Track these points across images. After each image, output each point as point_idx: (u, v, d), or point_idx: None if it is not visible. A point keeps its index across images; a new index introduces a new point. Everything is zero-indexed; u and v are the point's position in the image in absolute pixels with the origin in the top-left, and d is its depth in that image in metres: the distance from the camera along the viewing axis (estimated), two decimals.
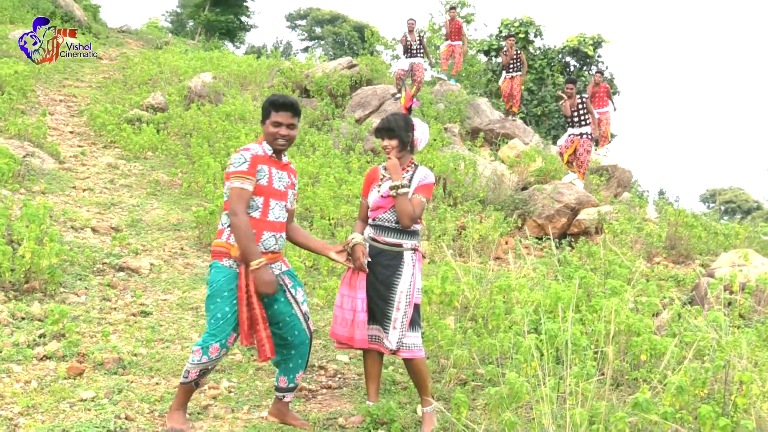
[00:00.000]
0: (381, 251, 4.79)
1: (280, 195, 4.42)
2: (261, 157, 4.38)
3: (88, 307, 6.72)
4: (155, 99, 16.11)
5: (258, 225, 4.32)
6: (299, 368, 4.67)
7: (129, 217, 9.68)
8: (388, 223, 4.79)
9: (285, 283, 4.51)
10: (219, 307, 4.29)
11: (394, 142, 4.83)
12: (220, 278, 4.30)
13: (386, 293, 4.73)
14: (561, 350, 5.31)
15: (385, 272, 4.75)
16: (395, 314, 4.72)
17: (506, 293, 6.89)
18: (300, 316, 4.56)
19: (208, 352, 4.29)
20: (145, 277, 7.81)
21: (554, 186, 12.37)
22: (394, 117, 4.89)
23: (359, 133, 14.92)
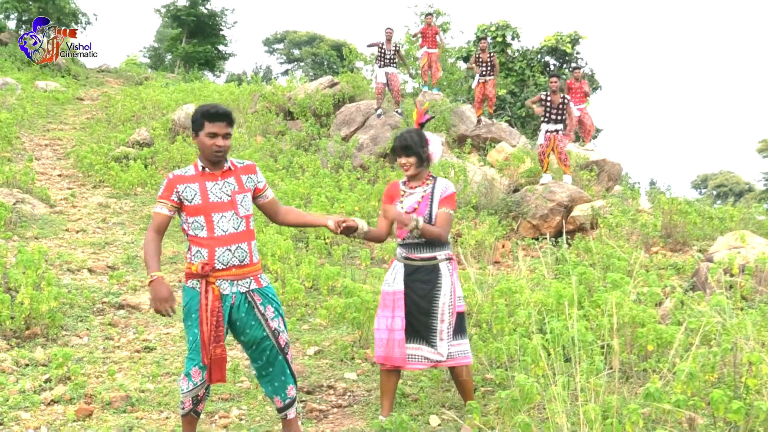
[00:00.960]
0: (417, 268, 4.83)
1: (222, 207, 4.30)
2: (186, 177, 4.31)
3: (92, 347, 6.69)
4: (140, 135, 16.12)
5: (207, 243, 4.25)
6: (287, 383, 4.59)
7: (124, 254, 9.66)
8: (417, 239, 4.81)
9: (254, 300, 4.41)
10: (190, 329, 4.31)
11: (412, 159, 4.85)
12: (187, 300, 4.32)
13: (428, 307, 4.77)
14: (568, 348, 5.31)
15: (424, 287, 4.79)
16: (440, 326, 4.76)
17: (508, 296, 6.89)
18: (269, 333, 4.47)
19: (191, 377, 4.30)
20: (146, 312, 7.79)
21: (545, 185, 12.40)
22: (410, 134, 4.89)
23: (347, 151, 14.94)
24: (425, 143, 4.90)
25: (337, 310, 7.02)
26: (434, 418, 5.19)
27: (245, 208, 4.40)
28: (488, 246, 10.37)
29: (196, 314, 4.27)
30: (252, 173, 4.53)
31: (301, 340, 7.04)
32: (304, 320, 7.71)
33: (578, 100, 16.57)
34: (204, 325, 4.21)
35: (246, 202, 4.42)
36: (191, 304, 4.30)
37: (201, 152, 4.36)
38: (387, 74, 15.81)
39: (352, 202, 11.19)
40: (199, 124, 4.32)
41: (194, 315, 4.28)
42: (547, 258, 9.81)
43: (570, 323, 5.24)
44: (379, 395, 5.10)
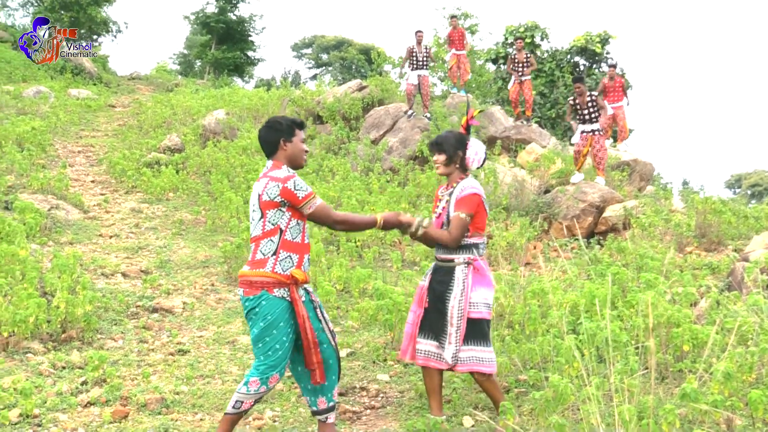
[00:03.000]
0: (437, 267, 4.92)
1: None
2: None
3: (126, 350, 6.77)
4: (171, 140, 16.27)
5: (300, 249, 4.39)
6: (333, 384, 4.66)
7: (157, 258, 9.76)
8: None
9: (315, 301, 4.53)
10: (276, 338, 4.31)
11: (441, 157, 4.91)
12: (276, 310, 4.31)
13: (441, 308, 4.80)
14: (602, 348, 5.28)
15: (439, 288, 4.84)
16: (449, 329, 4.76)
17: (540, 297, 6.86)
18: (328, 332, 4.58)
19: (268, 382, 4.34)
20: (179, 315, 7.86)
21: (577, 186, 12.32)
22: (446, 133, 5.00)
23: (376, 154, 14.97)
24: (462, 145, 4.91)
25: (368, 312, 7.03)
26: (467, 419, 5.18)
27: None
28: (519, 247, 10.33)
29: (285, 323, 4.32)
30: None
31: None
32: (336, 323, 7.73)
33: (614, 99, 16.43)
34: (308, 331, 4.34)
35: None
36: (280, 314, 4.31)
37: (290, 157, 4.49)
38: (419, 77, 15.81)
39: (383, 205, 11.21)
40: (290, 131, 4.49)
41: (282, 324, 4.32)
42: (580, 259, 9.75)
43: (603, 324, 5.21)
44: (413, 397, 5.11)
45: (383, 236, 10.72)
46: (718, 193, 17.08)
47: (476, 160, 4.96)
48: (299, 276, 4.31)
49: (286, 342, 4.32)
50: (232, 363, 6.55)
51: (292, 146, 4.47)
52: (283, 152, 4.46)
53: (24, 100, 19.13)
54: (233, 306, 8.19)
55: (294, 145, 4.48)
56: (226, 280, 9.11)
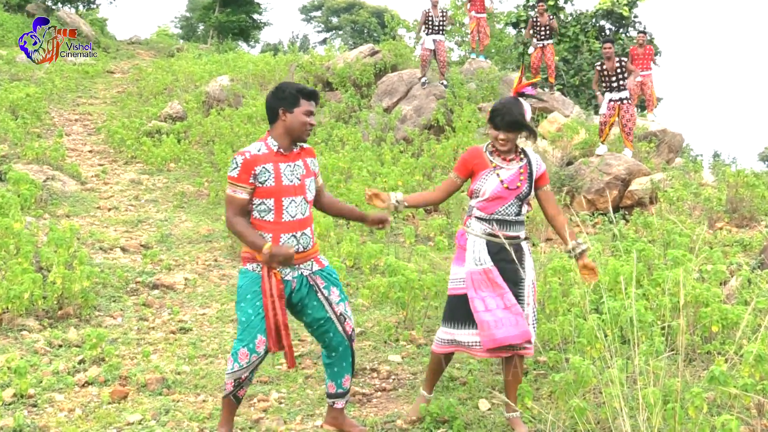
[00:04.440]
0: (502, 247, 4.63)
1: (294, 190, 4.38)
2: (261, 157, 4.34)
3: (126, 328, 6.81)
4: (173, 108, 16.27)
5: (273, 228, 4.34)
6: (345, 372, 4.66)
7: (158, 232, 9.79)
8: (509, 216, 4.68)
9: (317, 283, 4.50)
10: (243, 310, 4.38)
11: (512, 135, 4.67)
12: (244, 282, 4.40)
13: (515, 290, 4.65)
14: (626, 329, 5.27)
15: (510, 267, 4.63)
16: (527, 309, 4.65)
17: (562, 275, 6.84)
18: (334, 318, 4.54)
19: (237, 358, 4.35)
20: (181, 292, 7.89)
21: (601, 158, 12.26)
22: (515, 107, 4.69)
23: (389, 123, 14.92)
24: (528, 115, 4.73)
25: (380, 289, 7.03)
26: (484, 402, 5.19)
27: (311, 192, 4.51)
28: (540, 222, 10.31)
29: (252, 294, 4.35)
30: (313, 156, 4.64)
31: None
32: None
33: (642, 66, 16.30)
34: (269, 311, 4.29)
35: (312, 186, 4.53)
36: (248, 285, 4.38)
37: (288, 129, 4.40)
38: (435, 41, 15.70)
39: (395, 177, 11.17)
40: (293, 101, 4.38)
41: (249, 296, 4.35)
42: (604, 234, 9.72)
43: (628, 303, 5.19)
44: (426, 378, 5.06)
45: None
46: (751, 166, 16.97)
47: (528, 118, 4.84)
48: (259, 257, 4.28)
49: (253, 315, 4.32)
50: None
51: (291, 117, 4.38)
52: (282, 123, 4.39)
53: (18, 66, 19.16)
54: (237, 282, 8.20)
55: (294, 116, 4.38)
56: (230, 255, 9.14)
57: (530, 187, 4.70)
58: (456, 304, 4.73)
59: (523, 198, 4.69)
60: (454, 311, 4.74)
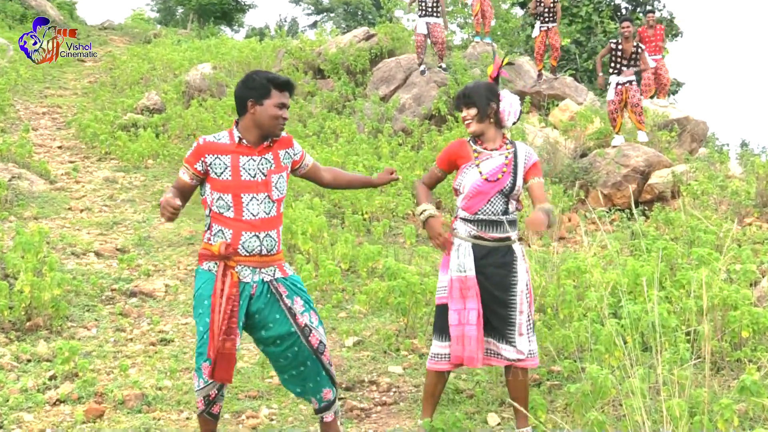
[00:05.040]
0: (490, 250, 4.69)
1: (255, 187, 4.32)
2: (219, 146, 4.33)
3: (101, 340, 6.80)
4: (150, 99, 16.26)
5: (233, 225, 4.28)
6: (321, 386, 4.57)
7: (135, 235, 9.78)
8: (494, 215, 4.69)
9: (278, 291, 4.42)
10: (201, 319, 4.32)
11: (472, 110, 4.75)
12: (200, 284, 4.35)
13: (505, 297, 4.65)
14: (647, 335, 5.27)
15: (499, 272, 4.67)
16: (519, 318, 4.64)
17: (576, 276, 6.85)
18: (298, 331, 4.44)
19: (201, 373, 4.30)
20: (161, 300, 7.88)
21: (618, 149, 12.26)
22: (475, 84, 4.87)
23: (386, 113, 14.92)
24: (494, 96, 4.76)
25: (378, 294, 7.03)
26: (493, 416, 5.19)
27: (279, 190, 4.44)
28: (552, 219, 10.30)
29: (209, 300, 4.27)
30: (288, 147, 4.57)
31: (338, 330, 7.08)
32: (341, 307, 7.74)
33: (653, 50, 16.28)
34: (216, 313, 4.19)
35: (281, 183, 4.46)
36: (204, 289, 4.31)
37: (258, 123, 4.36)
38: (428, 25, 15.65)
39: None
40: (264, 92, 4.34)
41: (206, 301, 4.28)
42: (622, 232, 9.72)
43: (649, 306, 5.19)
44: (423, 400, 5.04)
45: (394, 208, 10.71)
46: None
47: (512, 114, 4.82)
48: (215, 248, 4.26)
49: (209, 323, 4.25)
50: None
51: (261, 110, 4.32)
52: (251, 116, 4.35)
53: None
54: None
55: (264, 109, 4.32)
56: None
57: (514, 181, 4.70)
58: (441, 315, 4.75)
59: (507, 193, 4.70)
60: (442, 322, 4.76)
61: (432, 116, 14.93)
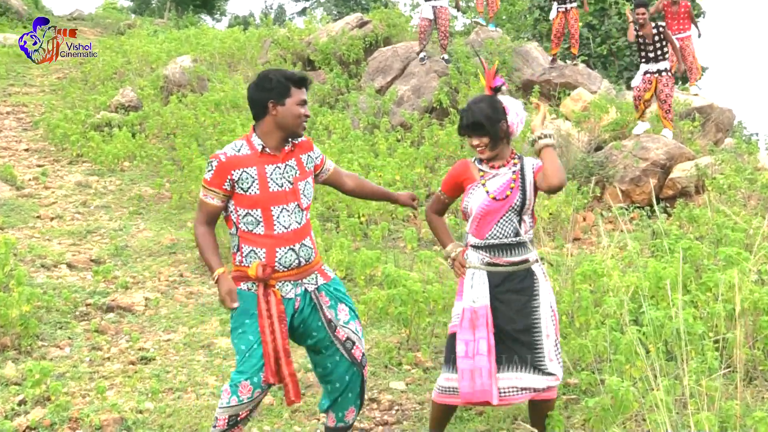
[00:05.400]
0: (507, 276, 4.67)
1: (284, 197, 4.40)
2: (242, 159, 4.37)
3: (75, 360, 6.78)
4: (125, 96, 16.25)
5: (266, 242, 4.37)
6: (349, 403, 4.67)
7: (111, 245, 9.76)
8: (506, 238, 4.65)
9: (320, 302, 4.53)
10: (242, 337, 4.38)
11: (484, 139, 4.65)
12: (241, 302, 4.38)
13: (528, 323, 4.61)
14: (672, 342, 5.26)
15: (519, 298, 4.64)
16: (546, 343, 4.61)
17: (593, 280, 6.84)
18: (338, 343, 4.56)
19: (237, 391, 4.33)
20: (141, 315, 7.87)
21: (636, 141, 12.26)
22: (478, 106, 4.71)
23: (383, 106, 14.92)
24: (502, 114, 4.68)
25: (377, 304, 7.03)
26: None
27: (307, 197, 4.54)
28: (565, 219, 10.31)
29: (252, 318, 4.36)
30: (309, 150, 4.65)
31: None
32: None
33: (678, 28, 16.21)
34: (266, 334, 4.31)
35: (308, 189, 4.56)
36: (244, 308, 4.39)
37: (281, 125, 4.43)
38: (434, 9, 15.65)
39: (392, 170, 11.17)
40: (283, 91, 4.39)
41: (248, 320, 4.37)
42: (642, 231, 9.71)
43: (673, 311, 5.18)
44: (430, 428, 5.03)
45: (394, 210, 10.70)
46: None
47: (520, 124, 4.76)
48: (252, 272, 4.33)
49: (255, 342, 4.33)
50: (208, 372, 6.56)
51: (283, 111, 4.38)
52: (272, 117, 4.40)
53: None
54: (208, 301, 8.20)
55: (287, 109, 4.38)
56: (198, 269, 9.12)
57: (524, 196, 4.65)
58: (451, 344, 4.74)
59: (519, 210, 4.64)
60: (447, 353, 4.78)
61: (433, 109, 14.93)
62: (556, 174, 4.53)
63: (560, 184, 4.55)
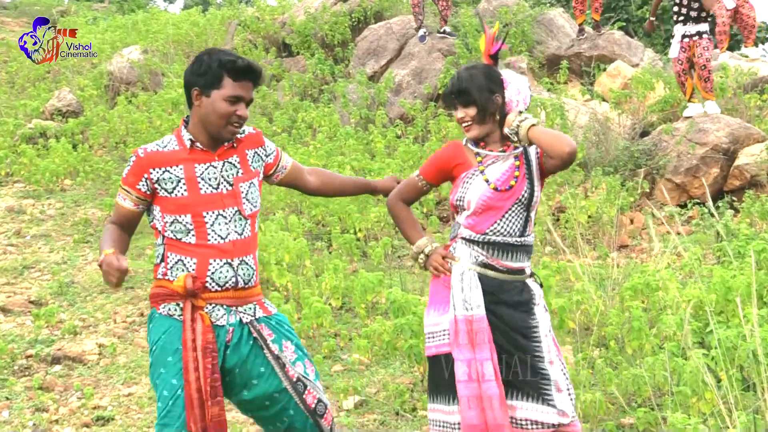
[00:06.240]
0: (501, 284, 4.62)
1: (220, 201, 4.30)
2: (166, 156, 4.29)
3: (16, 425, 6.77)
4: (62, 99, 16.21)
5: (197, 252, 4.25)
6: None
7: (54, 281, 9.74)
8: (512, 235, 4.61)
9: (262, 336, 4.39)
10: (164, 379, 4.24)
11: (471, 110, 4.62)
12: (160, 335, 4.29)
13: (528, 344, 4.57)
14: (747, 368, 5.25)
15: (516, 316, 4.59)
16: (551, 370, 4.56)
17: (646, 296, 6.84)
18: (290, 387, 4.41)
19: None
20: (94, 366, 7.85)
21: (691, 122, 12.24)
22: (469, 72, 4.70)
23: (377, 96, 14.91)
24: (497, 85, 4.66)
25: (383, 337, 7.02)
26: None
27: (251, 202, 4.43)
28: (608, 222, 10.30)
29: (174, 356, 4.22)
30: (258, 146, 4.56)
31: (333, 389, 7.05)
32: (336, 358, 7.72)
33: None
34: (190, 371, 4.14)
35: (253, 194, 4.45)
36: (167, 341, 4.26)
37: (203, 121, 4.33)
38: None
39: (394, 173, 11.13)
40: (213, 79, 4.28)
41: (171, 357, 4.23)
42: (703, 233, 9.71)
43: (747, 330, 5.18)
44: None
45: None
46: None
47: (520, 102, 4.71)
48: (179, 284, 4.20)
49: (179, 387, 4.18)
50: None
51: (207, 104, 4.28)
52: (196, 109, 4.33)
53: None
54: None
55: (210, 103, 4.27)
56: None
57: (532, 186, 4.63)
58: (437, 367, 4.69)
59: (527, 203, 4.62)
60: (439, 378, 4.69)
61: (438, 96, 14.90)
62: (561, 141, 4.45)
63: (572, 149, 4.43)
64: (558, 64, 15.85)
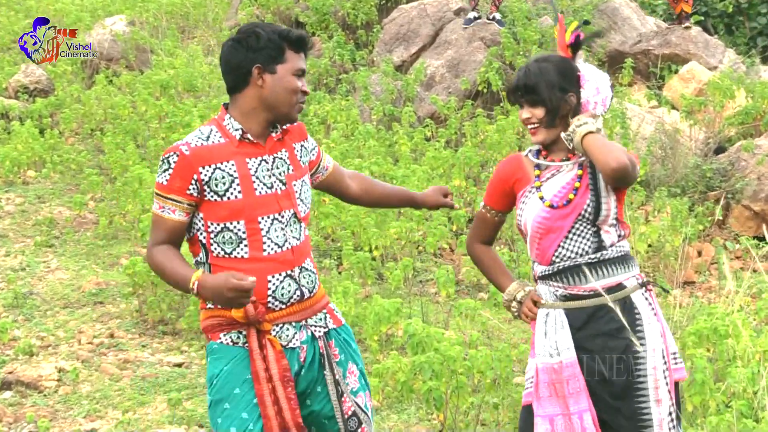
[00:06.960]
0: (593, 312, 4.55)
1: (276, 203, 4.31)
2: (213, 151, 4.25)
3: None
4: (29, 75, 16.25)
5: (254, 269, 4.21)
6: None
7: (9, 291, 9.75)
8: (584, 255, 4.55)
9: (329, 355, 4.43)
10: (230, 415, 4.23)
11: (538, 111, 4.57)
12: (222, 368, 4.27)
13: (627, 383, 4.50)
14: None
15: (615, 345, 4.51)
16: (656, 411, 4.48)
17: (712, 343, 6.83)
18: (340, 421, 4.44)
19: None
20: (52, 394, 7.86)
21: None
22: (540, 65, 4.64)
23: (405, 90, 14.90)
24: (572, 83, 4.62)
25: (398, 377, 7.01)
26: None
27: (305, 203, 4.47)
28: (671, 253, 10.29)
29: (242, 387, 4.24)
30: (303, 139, 4.59)
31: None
32: None
33: None
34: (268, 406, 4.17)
35: (306, 192, 4.49)
36: (231, 372, 4.26)
37: (269, 102, 4.32)
38: None
39: (419, 182, 11.11)
40: (275, 53, 4.29)
41: (238, 389, 4.24)
42: None
43: None
44: None
45: (421, 239, 10.65)
46: None
47: (599, 104, 4.65)
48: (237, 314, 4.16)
49: (251, 422, 4.18)
50: None
51: (273, 81, 4.27)
52: (257, 90, 4.28)
53: None
54: (151, 373, 8.17)
55: (278, 79, 4.26)
56: (136, 325, 9.11)
57: (598, 199, 4.55)
58: (526, 422, 4.67)
59: (592, 218, 4.55)
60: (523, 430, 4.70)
61: (478, 93, 14.90)
62: (608, 154, 4.35)
63: (618, 166, 4.32)
64: (621, 62, 15.80)
